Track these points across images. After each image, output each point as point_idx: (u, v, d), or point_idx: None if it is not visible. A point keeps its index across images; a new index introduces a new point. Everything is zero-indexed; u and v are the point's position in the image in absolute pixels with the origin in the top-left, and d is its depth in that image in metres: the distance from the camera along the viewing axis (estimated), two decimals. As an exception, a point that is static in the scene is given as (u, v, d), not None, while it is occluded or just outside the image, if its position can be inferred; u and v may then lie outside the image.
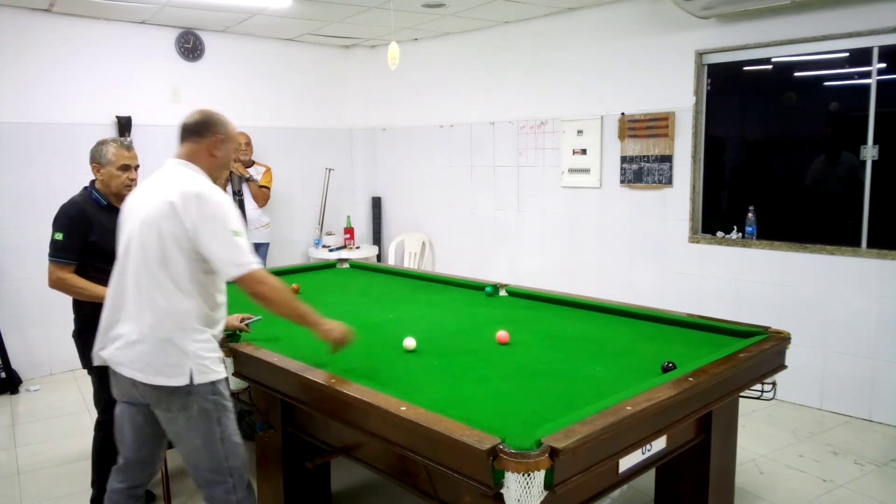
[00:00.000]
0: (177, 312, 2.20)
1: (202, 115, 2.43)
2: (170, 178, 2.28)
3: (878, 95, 3.94)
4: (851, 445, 3.76)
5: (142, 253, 2.21)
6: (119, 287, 2.31)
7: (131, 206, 2.35)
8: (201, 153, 2.35)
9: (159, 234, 2.18)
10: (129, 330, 2.24)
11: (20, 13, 4.94)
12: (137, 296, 2.23)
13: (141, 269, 2.22)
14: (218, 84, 5.95)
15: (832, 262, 4.14)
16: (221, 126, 2.40)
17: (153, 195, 2.25)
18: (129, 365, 2.24)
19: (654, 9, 4.74)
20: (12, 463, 3.71)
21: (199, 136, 2.36)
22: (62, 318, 3.55)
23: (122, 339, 2.26)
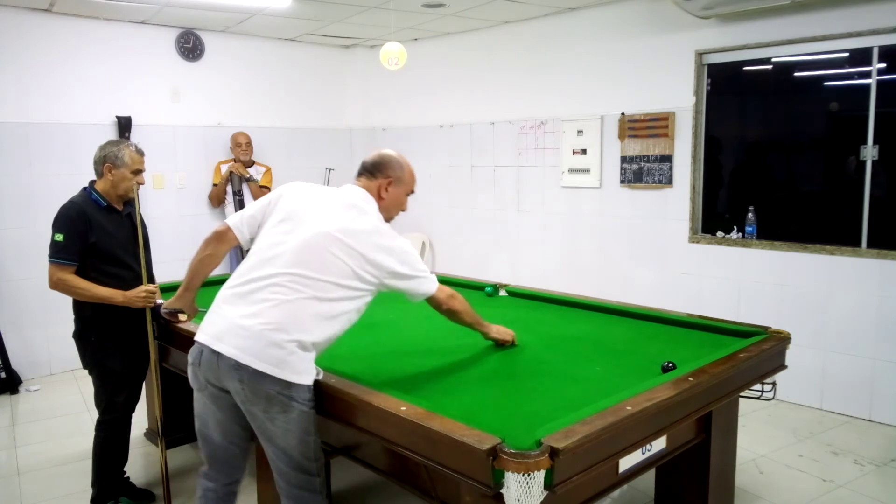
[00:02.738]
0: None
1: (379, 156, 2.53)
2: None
3: (878, 95, 3.94)
4: (851, 445, 3.76)
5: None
6: None
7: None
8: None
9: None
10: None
11: (20, 13, 4.94)
12: None
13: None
14: (218, 84, 5.96)
15: (832, 262, 4.14)
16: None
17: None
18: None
19: (654, 9, 4.74)
20: (12, 463, 3.71)
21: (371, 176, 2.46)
22: (62, 318, 3.55)
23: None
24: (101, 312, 2.92)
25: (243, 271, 2.25)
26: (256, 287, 2.18)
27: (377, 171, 2.42)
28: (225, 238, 2.42)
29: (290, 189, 2.38)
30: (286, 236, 2.23)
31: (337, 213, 2.26)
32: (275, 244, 2.23)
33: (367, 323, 3.26)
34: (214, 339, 2.18)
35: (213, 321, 2.23)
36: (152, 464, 3.57)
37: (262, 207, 2.37)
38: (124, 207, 3.04)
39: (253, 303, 2.16)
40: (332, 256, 2.17)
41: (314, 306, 2.16)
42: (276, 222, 2.28)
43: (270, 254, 2.22)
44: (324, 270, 2.17)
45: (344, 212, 2.27)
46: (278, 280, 2.16)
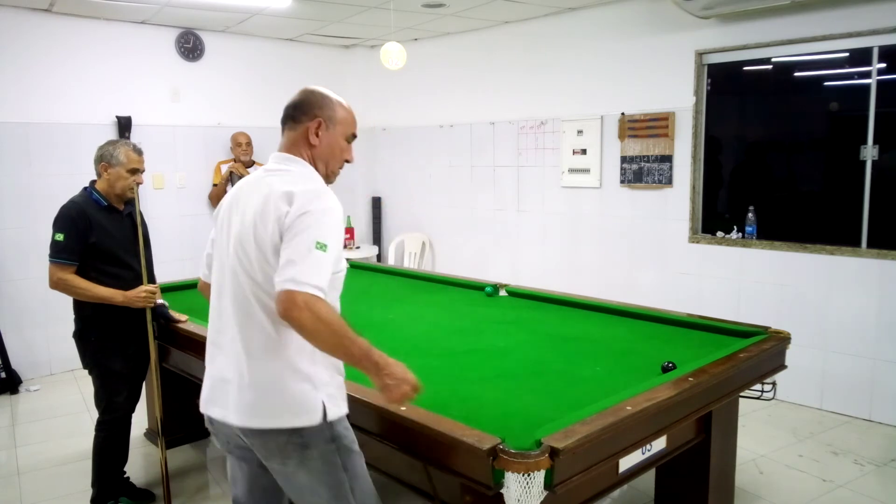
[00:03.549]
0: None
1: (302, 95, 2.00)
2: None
3: (878, 95, 3.94)
4: (851, 445, 3.76)
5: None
6: None
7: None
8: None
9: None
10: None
11: (20, 13, 4.94)
12: None
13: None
14: (218, 84, 5.95)
15: (832, 262, 4.14)
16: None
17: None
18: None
19: (654, 9, 4.74)
20: (12, 463, 3.71)
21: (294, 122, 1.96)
22: (62, 318, 3.55)
23: None
24: (101, 312, 2.92)
25: (211, 316, 1.93)
26: (220, 328, 1.86)
27: (300, 114, 1.94)
28: (204, 290, 2.05)
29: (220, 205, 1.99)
30: (217, 259, 1.91)
31: (250, 201, 1.81)
32: (214, 273, 1.92)
33: (367, 323, 3.27)
34: (208, 402, 1.90)
35: (204, 381, 1.95)
36: (152, 464, 3.57)
37: (211, 240, 2.00)
38: (125, 207, 3.04)
39: (223, 349, 1.84)
40: (253, 248, 1.75)
41: (269, 319, 1.75)
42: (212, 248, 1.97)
43: (215, 286, 1.90)
44: (254, 270, 1.76)
45: (256, 193, 1.82)
46: (228, 310, 1.82)
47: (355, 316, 3.42)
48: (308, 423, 1.74)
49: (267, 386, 1.75)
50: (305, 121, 1.92)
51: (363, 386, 2.23)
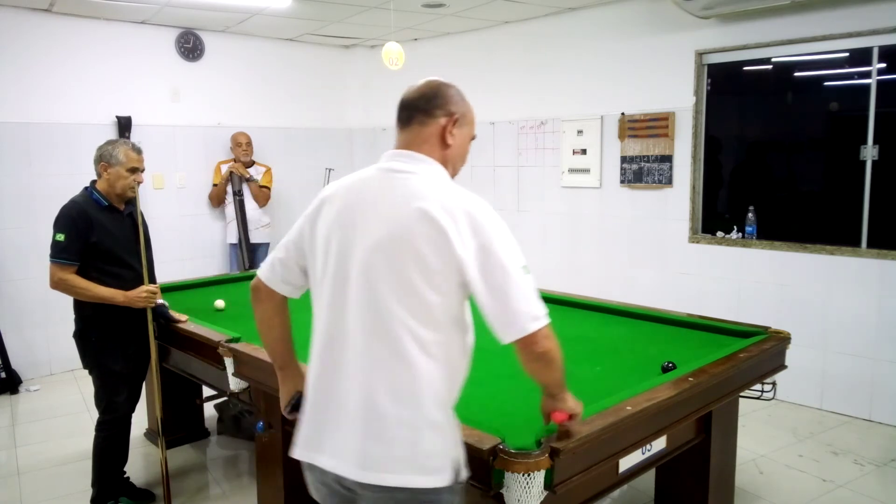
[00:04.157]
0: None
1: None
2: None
3: (878, 95, 3.94)
4: (851, 445, 3.76)
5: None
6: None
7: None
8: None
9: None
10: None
11: (20, 13, 4.94)
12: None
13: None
14: (218, 84, 5.95)
15: (832, 262, 4.14)
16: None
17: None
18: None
19: (654, 9, 4.74)
20: (12, 463, 3.70)
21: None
22: (62, 318, 3.56)
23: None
24: (101, 312, 2.92)
25: (317, 342, 1.64)
26: (337, 360, 1.57)
27: (434, 108, 1.62)
28: (259, 295, 1.76)
29: (321, 206, 1.67)
30: (329, 273, 1.59)
31: (387, 213, 1.54)
32: (326, 288, 1.60)
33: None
34: (314, 449, 1.60)
35: (305, 421, 1.64)
36: (152, 464, 3.57)
37: (294, 240, 1.71)
38: (125, 207, 3.04)
39: (341, 386, 1.56)
40: (407, 272, 1.50)
41: (419, 356, 1.50)
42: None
43: (326, 306, 1.59)
44: (403, 296, 1.50)
45: (393, 203, 1.55)
46: (357, 341, 1.53)
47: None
48: (440, 483, 1.50)
49: (400, 436, 1.49)
50: (440, 116, 1.62)
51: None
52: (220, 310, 3.54)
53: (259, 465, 2.95)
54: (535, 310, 1.50)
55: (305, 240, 1.66)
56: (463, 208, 1.52)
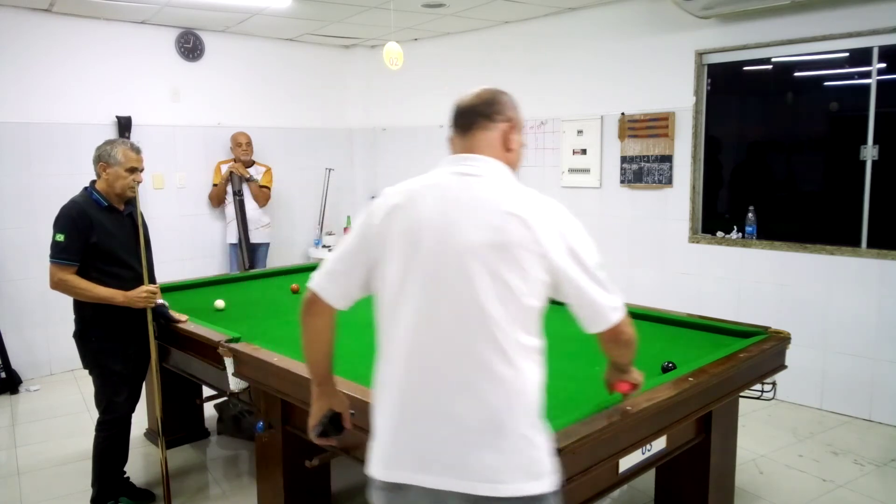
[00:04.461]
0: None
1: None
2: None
3: (878, 95, 3.94)
4: (851, 445, 3.76)
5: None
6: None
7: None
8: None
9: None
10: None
11: (20, 13, 4.94)
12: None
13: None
14: (218, 84, 5.95)
15: (832, 262, 4.14)
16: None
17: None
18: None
19: (654, 9, 4.74)
20: (12, 463, 3.70)
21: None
22: (62, 318, 3.56)
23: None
24: (101, 312, 2.92)
25: (398, 353, 1.56)
26: (426, 367, 1.52)
27: (495, 114, 1.65)
28: (314, 308, 1.67)
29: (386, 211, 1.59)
30: (412, 279, 1.53)
31: (474, 219, 1.53)
32: (409, 296, 1.54)
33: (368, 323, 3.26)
34: (412, 468, 1.51)
35: (391, 440, 1.55)
36: (152, 464, 3.57)
37: (356, 250, 1.61)
38: (125, 207, 3.04)
39: (440, 398, 1.50)
40: (502, 278, 1.49)
41: (515, 357, 1.49)
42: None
43: (413, 313, 1.53)
44: (498, 303, 1.49)
45: (478, 208, 1.55)
46: (455, 347, 1.50)
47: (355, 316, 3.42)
48: (549, 487, 1.49)
49: (516, 444, 1.46)
50: (501, 121, 1.65)
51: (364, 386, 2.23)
52: (220, 310, 3.54)
53: (259, 465, 2.96)
54: (616, 302, 1.58)
55: (374, 249, 1.57)
56: (548, 211, 1.56)
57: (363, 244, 1.60)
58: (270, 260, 6.02)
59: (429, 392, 1.50)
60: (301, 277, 4.37)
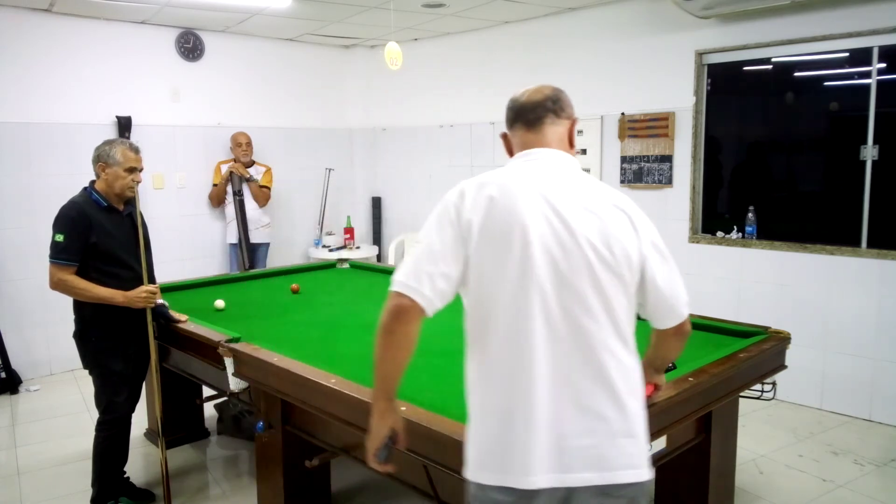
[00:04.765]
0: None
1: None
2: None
3: (878, 95, 3.94)
4: (851, 445, 3.76)
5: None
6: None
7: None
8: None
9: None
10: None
11: (20, 13, 4.94)
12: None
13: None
14: (218, 84, 5.95)
15: (832, 262, 4.14)
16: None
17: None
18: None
19: (654, 9, 4.74)
20: (12, 463, 3.70)
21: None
22: (62, 318, 3.55)
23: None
24: (101, 313, 2.92)
25: (520, 353, 1.48)
26: (555, 365, 1.47)
27: (560, 109, 1.70)
28: (408, 316, 1.51)
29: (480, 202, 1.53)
30: (532, 277, 1.47)
31: (590, 215, 1.55)
32: (531, 293, 1.47)
33: (368, 323, 3.26)
34: (560, 469, 1.44)
35: (532, 443, 1.44)
36: (152, 464, 3.57)
37: (453, 249, 1.51)
38: (125, 207, 3.04)
39: (582, 395, 1.47)
40: (620, 272, 1.53)
41: (628, 348, 1.53)
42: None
43: (525, 310, 1.48)
44: (617, 296, 1.52)
45: (589, 202, 1.57)
46: (580, 342, 1.48)
47: (355, 316, 3.43)
48: (652, 472, 1.53)
49: (642, 430, 1.51)
50: (565, 118, 1.70)
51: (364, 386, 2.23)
52: (220, 310, 3.54)
53: (259, 465, 2.96)
54: (686, 296, 1.60)
55: (471, 244, 1.49)
56: (632, 204, 1.59)
57: (459, 240, 1.50)
58: (270, 260, 6.02)
59: (563, 389, 1.45)
60: (301, 277, 4.37)
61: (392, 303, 1.49)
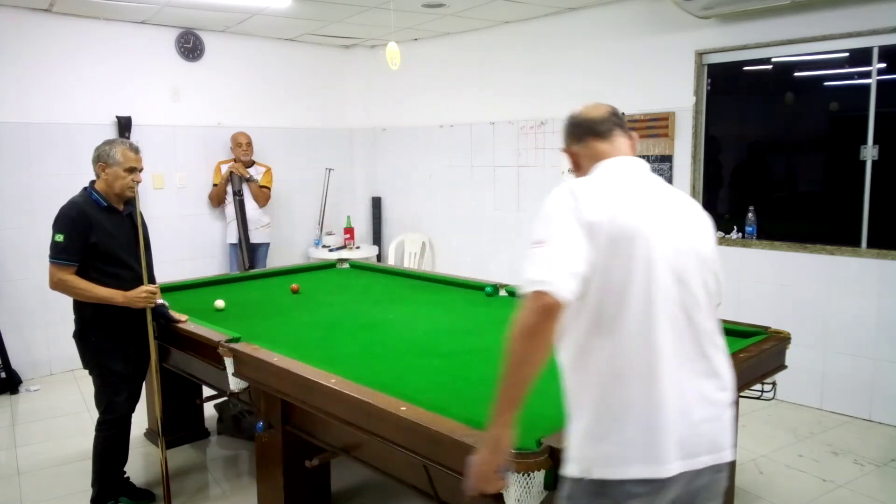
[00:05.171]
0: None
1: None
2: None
3: (878, 95, 3.94)
4: (851, 445, 3.76)
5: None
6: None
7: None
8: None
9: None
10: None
11: (20, 13, 4.94)
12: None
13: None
14: (218, 84, 5.96)
15: (832, 263, 4.14)
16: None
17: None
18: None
19: (654, 9, 4.74)
20: (12, 463, 3.71)
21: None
22: (62, 318, 3.56)
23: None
24: (101, 313, 2.92)
25: (660, 343, 1.53)
26: (687, 353, 1.57)
27: (624, 123, 1.84)
28: (556, 315, 1.45)
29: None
30: (665, 272, 1.55)
31: (691, 217, 1.71)
32: (670, 288, 1.56)
33: (367, 323, 3.27)
34: (692, 452, 1.53)
35: (668, 429, 1.51)
36: (152, 464, 3.57)
37: (587, 247, 1.49)
38: (125, 207, 3.04)
39: (708, 381, 1.59)
40: (714, 268, 1.71)
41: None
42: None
43: (665, 303, 1.54)
44: (712, 293, 1.66)
45: (684, 206, 1.71)
46: (702, 333, 1.60)
47: (355, 316, 3.43)
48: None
49: (732, 416, 1.64)
50: (629, 131, 1.85)
51: (364, 386, 2.23)
52: (220, 310, 3.54)
53: (259, 465, 2.96)
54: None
55: (599, 245, 1.50)
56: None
57: (586, 240, 1.50)
58: (270, 260, 6.02)
59: (688, 380, 1.55)
60: (301, 277, 4.37)
61: (537, 302, 1.43)
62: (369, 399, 2.10)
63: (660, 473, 1.49)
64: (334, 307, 3.68)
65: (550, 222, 1.52)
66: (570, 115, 1.80)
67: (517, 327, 1.45)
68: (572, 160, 1.82)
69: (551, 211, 1.54)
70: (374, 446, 2.28)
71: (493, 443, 1.53)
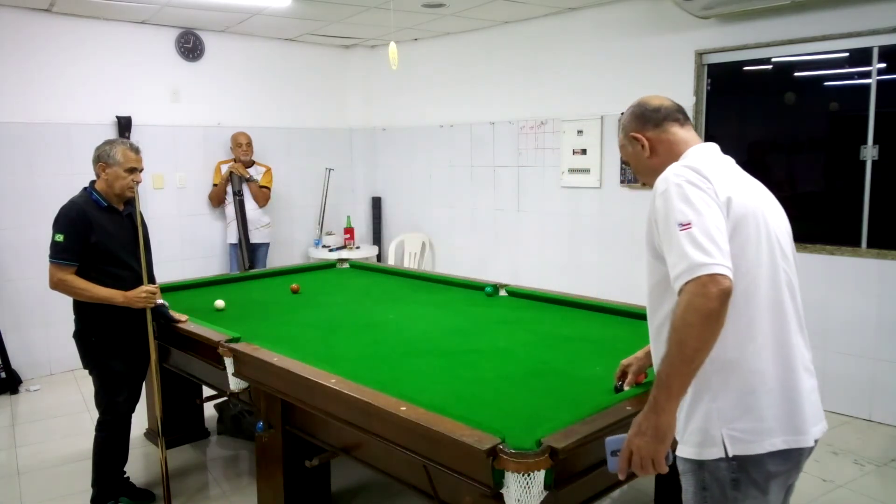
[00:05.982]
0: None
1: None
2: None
3: (878, 95, 3.94)
4: (851, 445, 3.76)
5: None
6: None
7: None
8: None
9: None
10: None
11: (20, 13, 4.94)
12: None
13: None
14: (218, 84, 5.96)
15: (832, 262, 4.14)
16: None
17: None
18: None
19: (654, 9, 4.74)
20: (12, 463, 3.71)
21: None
22: (62, 318, 3.56)
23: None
24: (101, 313, 2.92)
25: (774, 321, 1.58)
26: (795, 328, 1.63)
27: (687, 116, 1.84)
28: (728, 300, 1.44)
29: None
30: (775, 256, 1.64)
31: (773, 202, 1.78)
32: (776, 272, 1.62)
33: (367, 323, 3.27)
34: (812, 423, 1.59)
35: (797, 398, 1.56)
36: (152, 464, 3.57)
37: (722, 228, 1.51)
38: (125, 207, 3.04)
39: (805, 354, 1.64)
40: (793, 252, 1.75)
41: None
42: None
43: (772, 284, 1.59)
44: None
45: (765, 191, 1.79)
46: (795, 310, 1.65)
47: (355, 316, 3.43)
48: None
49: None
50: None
51: (364, 386, 2.23)
52: (220, 310, 3.54)
53: (259, 465, 2.95)
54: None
55: (732, 221, 1.54)
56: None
57: (724, 217, 1.53)
58: (270, 260, 6.02)
59: (804, 352, 1.63)
60: (301, 277, 4.37)
61: (715, 287, 1.39)
62: (369, 399, 2.10)
63: (801, 443, 1.53)
64: (334, 307, 3.68)
65: (689, 201, 1.50)
66: (641, 103, 1.81)
67: (696, 313, 1.40)
68: (647, 145, 1.79)
69: (687, 190, 1.52)
70: (374, 446, 2.28)
71: (662, 431, 1.46)
